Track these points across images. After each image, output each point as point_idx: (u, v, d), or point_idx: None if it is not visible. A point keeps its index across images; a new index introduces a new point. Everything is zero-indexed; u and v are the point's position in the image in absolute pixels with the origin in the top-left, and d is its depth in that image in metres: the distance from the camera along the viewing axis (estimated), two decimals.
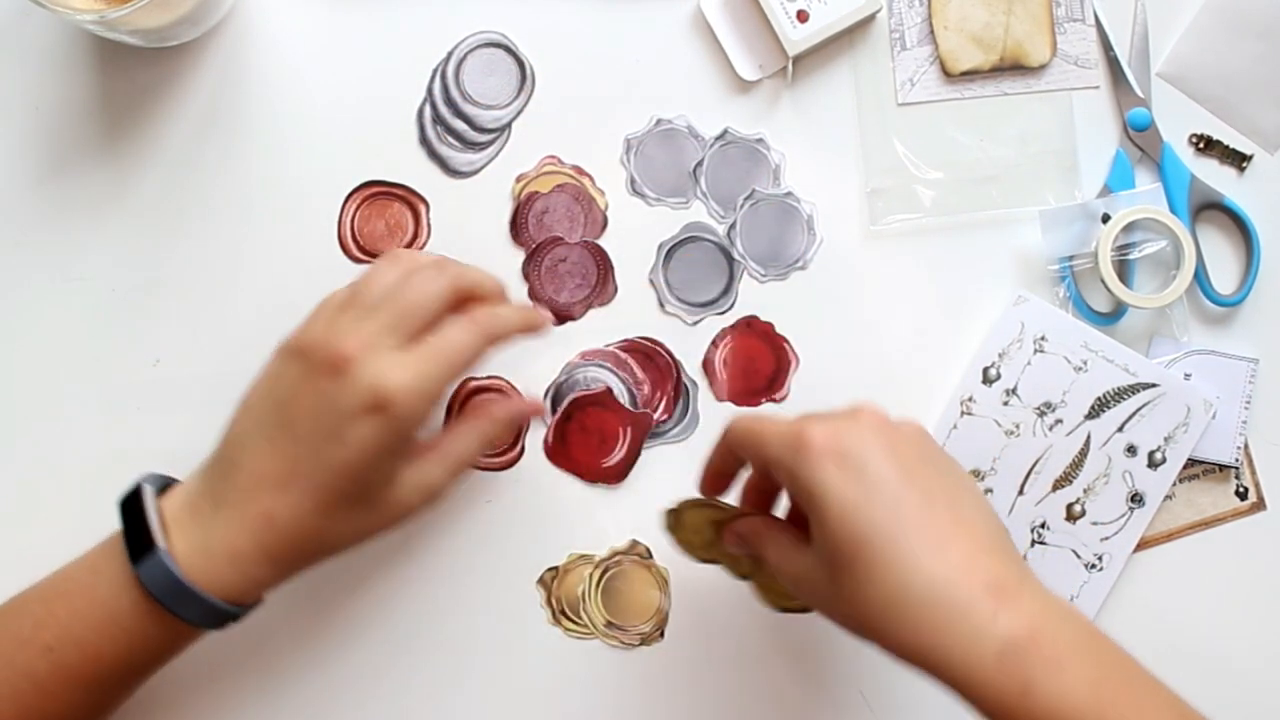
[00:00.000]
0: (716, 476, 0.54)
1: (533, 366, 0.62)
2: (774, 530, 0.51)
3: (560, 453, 0.61)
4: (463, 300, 0.52)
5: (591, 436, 0.61)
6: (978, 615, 0.43)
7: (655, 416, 0.61)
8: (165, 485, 0.52)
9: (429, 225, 0.62)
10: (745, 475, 0.54)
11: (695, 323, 0.62)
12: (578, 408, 0.61)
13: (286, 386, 0.50)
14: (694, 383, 0.62)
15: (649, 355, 0.62)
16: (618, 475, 0.61)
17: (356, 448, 0.48)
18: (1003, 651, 0.42)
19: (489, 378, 0.62)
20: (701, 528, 0.55)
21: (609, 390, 0.61)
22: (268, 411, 0.51)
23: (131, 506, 0.50)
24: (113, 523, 0.60)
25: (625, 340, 0.62)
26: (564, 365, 0.62)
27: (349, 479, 0.49)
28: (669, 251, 0.62)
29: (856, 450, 0.45)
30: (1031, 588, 0.44)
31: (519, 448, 0.62)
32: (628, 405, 0.61)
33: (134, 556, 0.49)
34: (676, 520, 0.56)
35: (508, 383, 0.62)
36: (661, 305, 0.62)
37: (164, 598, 0.48)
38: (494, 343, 0.52)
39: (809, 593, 0.48)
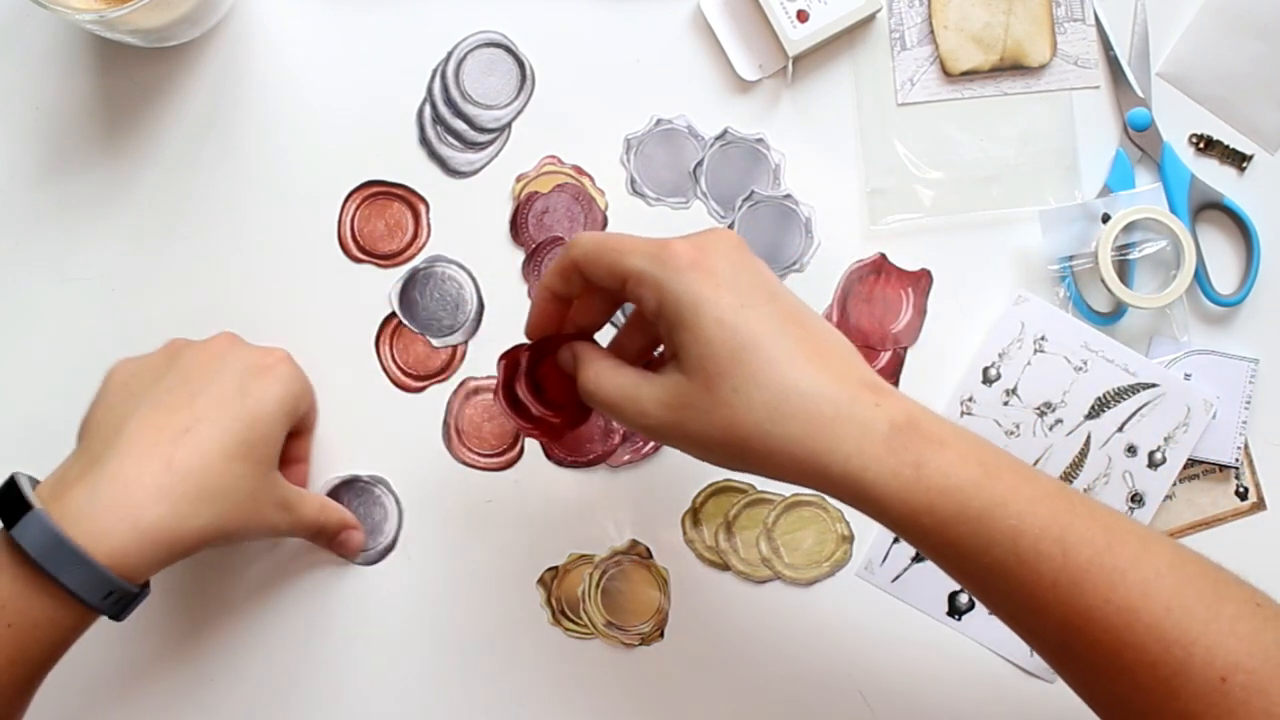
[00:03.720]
0: (551, 303, 0.51)
1: None
2: (602, 354, 0.50)
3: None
4: None
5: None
6: (862, 406, 0.44)
7: None
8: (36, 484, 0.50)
9: (429, 225, 0.62)
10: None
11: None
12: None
13: (161, 366, 0.53)
14: None
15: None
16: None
17: (260, 397, 0.53)
18: (890, 434, 0.43)
19: (488, 378, 0.62)
20: (722, 513, 0.55)
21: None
22: (146, 386, 0.52)
23: (1, 495, 0.48)
24: None
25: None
26: None
27: (253, 426, 0.51)
28: None
29: (723, 263, 0.46)
30: (896, 390, 0.46)
31: (518, 448, 0.62)
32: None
33: (8, 525, 0.46)
34: (695, 517, 0.56)
35: None
36: None
37: (45, 562, 0.45)
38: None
39: (665, 416, 0.46)
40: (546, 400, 0.53)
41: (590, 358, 0.50)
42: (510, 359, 0.53)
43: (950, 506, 0.43)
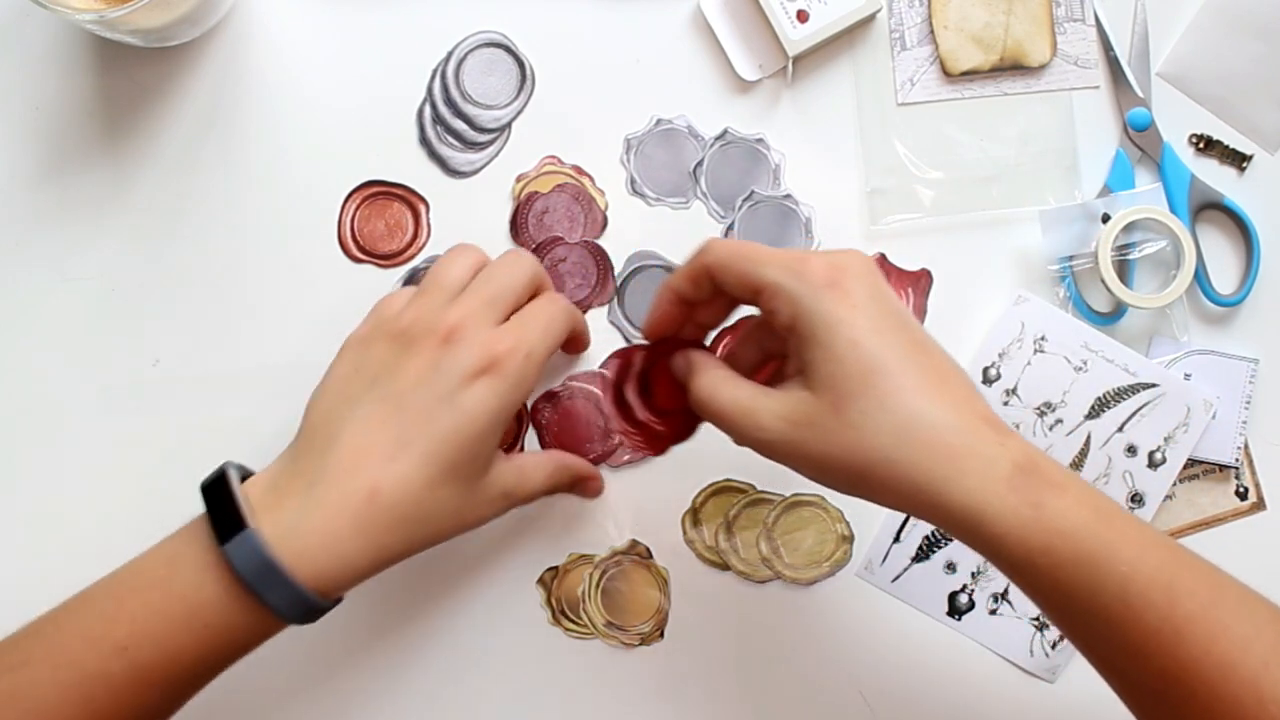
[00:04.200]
0: (675, 305, 0.51)
1: None
2: (718, 363, 0.50)
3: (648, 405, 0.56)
4: (538, 289, 0.54)
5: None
6: (987, 441, 0.44)
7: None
8: (245, 476, 0.50)
9: (429, 225, 0.62)
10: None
11: None
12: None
13: (382, 363, 0.50)
14: None
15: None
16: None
17: (472, 412, 0.48)
18: (1013, 473, 0.44)
19: None
20: (722, 513, 0.54)
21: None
22: (363, 388, 0.50)
23: (214, 492, 0.48)
24: (112, 522, 0.60)
25: (623, 347, 0.62)
26: (544, 392, 0.62)
27: (460, 447, 0.48)
28: (619, 287, 0.62)
29: (858, 285, 0.46)
30: (1013, 430, 0.46)
31: (518, 448, 0.62)
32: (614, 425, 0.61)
33: (221, 539, 0.46)
34: (695, 517, 0.56)
35: None
36: (629, 342, 0.62)
37: (254, 581, 0.46)
38: (577, 321, 0.53)
39: (786, 432, 0.46)
40: (654, 406, 0.53)
41: (705, 366, 0.50)
42: (623, 358, 0.53)
43: (1066, 549, 0.43)
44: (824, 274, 0.46)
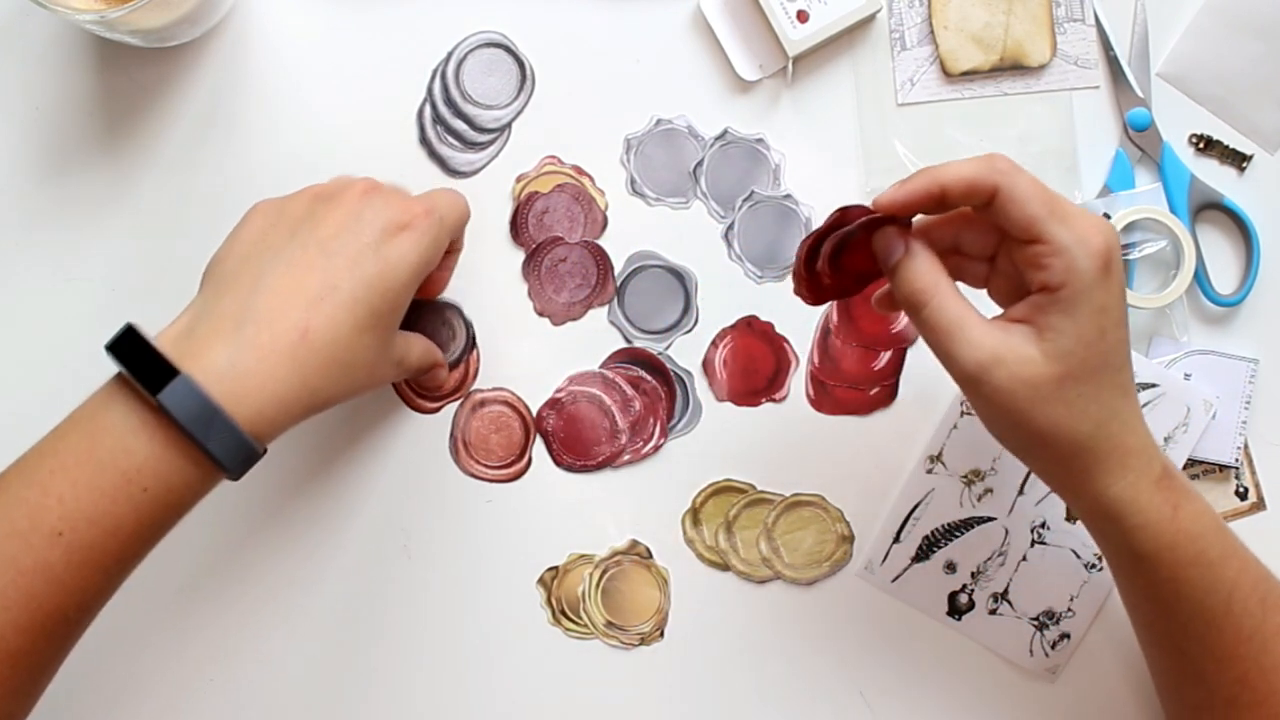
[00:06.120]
0: (931, 200, 0.47)
1: (533, 367, 0.62)
2: (945, 273, 0.48)
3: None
4: None
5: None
6: (1147, 443, 0.48)
7: (658, 416, 0.62)
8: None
9: None
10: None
11: (666, 348, 0.62)
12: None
13: (302, 217, 0.51)
14: (688, 373, 0.62)
15: (644, 358, 0.62)
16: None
17: (396, 262, 0.50)
18: (1161, 475, 0.48)
19: (494, 389, 0.62)
20: (721, 514, 0.55)
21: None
22: (283, 238, 0.50)
23: (125, 349, 0.46)
24: None
25: (621, 349, 0.62)
26: (547, 396, 0.62)
27: (384, 295, 0.50)
28: (619, 287, 0.62)
29: (1118, 271, 0.47)
30: None
31: (526, 459, 0.61)
32: (620, 424, 0.61)
33: (152, 390, 0.45)
34: (695, 517, 0.57)
35: (512, 393, 0.62)
36: (629, 341, 0.62)
37: (195, 429, 0.45)
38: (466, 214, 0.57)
39: (1000, 380, 0.46)
40: (839, 264, 0.51)
41: (934, 274, 0.48)
42: (842, 215, 0.50)
43: (1191, 550, 0.47)
44: (1103, 253, 0.46)
